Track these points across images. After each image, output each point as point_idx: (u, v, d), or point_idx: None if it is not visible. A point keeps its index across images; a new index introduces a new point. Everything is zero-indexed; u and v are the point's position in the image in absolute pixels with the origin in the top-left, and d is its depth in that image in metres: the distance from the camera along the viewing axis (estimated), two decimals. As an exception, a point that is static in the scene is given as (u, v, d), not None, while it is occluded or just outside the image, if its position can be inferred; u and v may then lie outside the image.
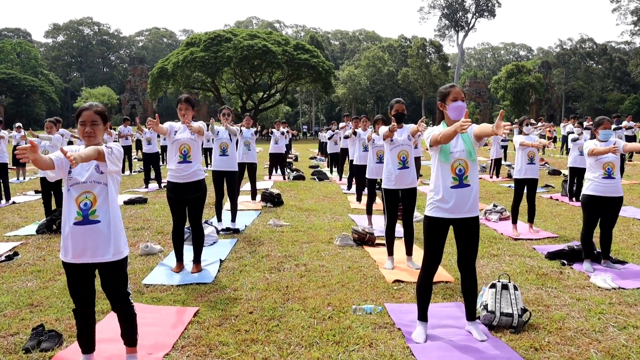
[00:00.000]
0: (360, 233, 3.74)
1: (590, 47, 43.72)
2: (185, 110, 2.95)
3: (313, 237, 3.98)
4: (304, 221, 4.69)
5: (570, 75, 42.24)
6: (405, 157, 3.11)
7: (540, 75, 39.47)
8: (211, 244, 3.68)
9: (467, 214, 2.05)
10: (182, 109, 2.95)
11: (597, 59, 43.10)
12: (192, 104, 2.98)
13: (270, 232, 4.17)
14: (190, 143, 2.95)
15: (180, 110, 2.96)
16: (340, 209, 5.55)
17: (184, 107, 2.95)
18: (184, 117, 2.96)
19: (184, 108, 2.95)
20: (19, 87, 42.76)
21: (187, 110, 2.95)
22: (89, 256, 1.65)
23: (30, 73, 46.38)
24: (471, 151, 2.04)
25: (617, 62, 43.32)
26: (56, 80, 50.93)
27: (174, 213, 3.01)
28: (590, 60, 43.00)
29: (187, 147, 2.95)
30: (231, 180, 4.21)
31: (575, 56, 42.33)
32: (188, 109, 2.96)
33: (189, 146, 2.95)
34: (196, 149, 2.97)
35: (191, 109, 2.98)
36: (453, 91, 2.06)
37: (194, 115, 3.00)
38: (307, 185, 7.64)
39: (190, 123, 2.97)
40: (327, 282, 2.85)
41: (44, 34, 58.95)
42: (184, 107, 2.95)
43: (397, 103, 3.14)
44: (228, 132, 4.09)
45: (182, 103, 2.94)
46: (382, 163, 4.35)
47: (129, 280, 1.80)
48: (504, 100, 39.31)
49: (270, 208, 5.45)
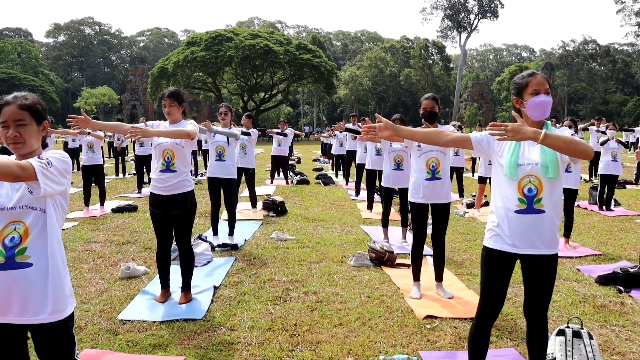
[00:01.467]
0: (379, 252, 3.22)
1: (593, 48, 43.68)
2: (170, 106, 2.43)
3: (323, 255, 3.46)
4: (311, 234, 4.17)
5: (573, 77, 42.24)
6: (435, 165, 2.59)
7: None
8: (205, 263, 3.17)
9: (540, 249, 1.51)
10: (165, 105, 2.44)
11: (600, 60, 43.01)
12: (178, 99, 2.45)
13: (273, 248, 3.64)
14: (173, 148, 2.43)
15: (164, 107, 2.44)
16: (350, 219, 5.02)
17: (167, 104, 2.43)
18: (169, 115, 2.45)
19: (168, 104, 2.43)
20: (20, 87, 42.58)
21: (171, 106, 2.44)
22: (15, 315, 1.13)
23: (31, 73, 46.23)
24: (550, 166, 1.47)
25: (621, 63, 43.14)
26: (57, 80, 50.76)
27: (158, 230, 2.50)
28: (593, 62, 42.87)
29: (170, 153, 2.43)
30: (229, 189, 3.69)
31: (578, 58, 42.35)
32: (173, 105, 2.44)
33: (173, 152, 2.43)
34: (182, 156, 2.44)
35: (177, 104, 2.45)
36: (533, 81, 1.50)
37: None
38: (312, 191, 7.10)
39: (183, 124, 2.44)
40: (344, 319, 2.33)
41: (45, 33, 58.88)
42: (168, 104, 2.43)
43: (426, 99, 2.61)
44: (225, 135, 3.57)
45: (165, 99, 2.42)
46: (401, 170, 3.87)
47: (76, 345, 1.24)
48: (507, 101, 39.05)
49: (273, 218, 4.91)
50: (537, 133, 1.38)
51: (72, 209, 5.51)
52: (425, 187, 2.59)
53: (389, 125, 1.63)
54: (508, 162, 1.52)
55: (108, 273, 3.02)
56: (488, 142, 1.61)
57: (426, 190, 2.59)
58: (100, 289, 2.72)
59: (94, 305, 2.47)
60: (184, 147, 2.44)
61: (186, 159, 2.46)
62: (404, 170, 3.82)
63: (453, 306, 2.53)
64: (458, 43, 42.92)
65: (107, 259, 3.33)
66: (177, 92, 2.47)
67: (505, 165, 1.54)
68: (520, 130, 1.38)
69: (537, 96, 1.49)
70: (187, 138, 2.36)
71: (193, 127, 2.40)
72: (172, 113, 2.44)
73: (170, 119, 2.48)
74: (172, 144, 2.42)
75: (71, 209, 5.53)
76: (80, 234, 4.13)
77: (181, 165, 2.44)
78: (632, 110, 35.58)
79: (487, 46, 65.75)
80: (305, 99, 42.11)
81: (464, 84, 43.36)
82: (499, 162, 1.59)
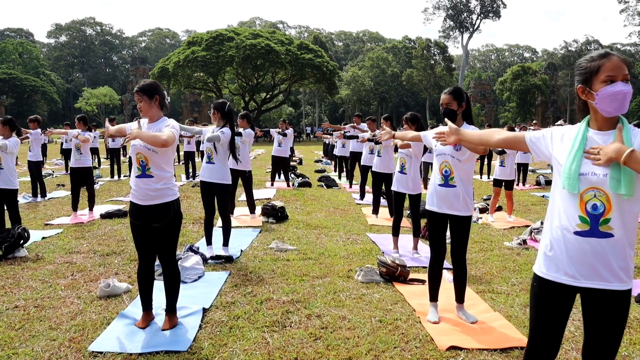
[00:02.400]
0: (390, 266, 2.87)
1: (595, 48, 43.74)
2: (140, 102, 2.08)
3: (327, 269, 3.12)
4: (314, 244, 3.82)
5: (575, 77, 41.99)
6: (448, 171, 2.25)
7: (546, 77, 39.26)
8: (195, 279, 2.83)
9: (606, 282, 1.17)
10: (137, 101, 2.10)
11: None
12: (147, 92, 2.08)
13: (272, 260, 3.30)
14: (145, 153, 2.08)
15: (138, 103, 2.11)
16: (355, 225, 4.67)
17: (137, 99, 2.09)
18: (141, 111, 2.11)
19: (138, 100, 2.09)
20: (21, 87, 42.70)
21: (141, 102, 2.08)
22: None
23: (32, 73, 46.24)
24: (624, 179, 1.11)
25: None
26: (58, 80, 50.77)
27: (138, 244, 2.17)
28: None
29: (142, 157, 2.09)
30: (222, 196, 3.33)
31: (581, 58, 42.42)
32: (141, 100, 2.08)
33: (145, 156, 2.09)
34: (159, 160, 2.08)
35: (147, 98, 2.08)
36: (607, 65, 1.16)
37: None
38: (314, 194, 6.75)
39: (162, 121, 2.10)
40: (354, 350, 1.99)
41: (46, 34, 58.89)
42: (137, 99, 2.09)
43: (444, 94, 2.29)
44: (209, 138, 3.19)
45: (135, 93, 2.08)
46: (404, 173, 3.55)
47: None
48: (509, 102, 38.82)
49: (273, 225, 4.56)
50: (621, 151, 1.08)
51: (60, 214, 5.20)
52: (438, 193, 2.27)
53: (453, 129, 1.60)
54: (567, 171, 1.18)
55: (86, 290, 2.69)
56: (547, 142, 1.28)
57: (439, 198, 2.26)
58: (74, 310, 2.39)
59: (63, 332, 2.13)
60: (157, 152, 2.08)
61: (164, 162, 2.10)
62: (407, 174, 3.51)
63: (478, 333, 2.19)
64: (460, 43, 42.73)
65: (88, 273, 3.00)
66: (147, 85, 2.11)
67: (563, 175, 1.19)
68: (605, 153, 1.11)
69: (612, 84, 1.15)
70: (157, 146, 2.00)
71: (171, 132, 2.02)
72: (144, 109, 2.10)
73: (144, 116, 2.13)
74: (144, 148, 2.08)
75: (58, 213, 5.22)
76: (62, 243, 3.80)
77: (158, 169, 2.09)
78: (636, 111, 35.26)
79: (489, 46, 65.58)
80: (307, 100, 41.94)
81: (466, 84, 43.20)
82: (557, 170, 1.25)
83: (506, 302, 2.62)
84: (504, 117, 39.40)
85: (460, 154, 2.23)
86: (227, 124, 3.33)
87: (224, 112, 3.34)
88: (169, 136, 1.99)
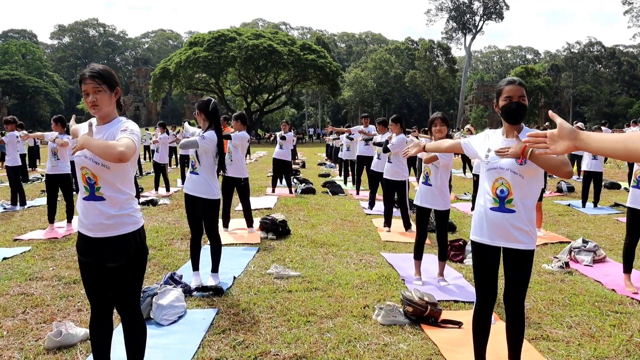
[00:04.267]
0: (417, 305, 2.30)
1: (598, 50, 43.76)
2: (95, 93, 1.49)
3: (338, 305, 2.54)
4: (321, 267, 3.24)
5: (579, 79, 42.19)
6: (505, 191, 1.66)
7: (549, 78, 39.12)
8: (173, 321, 2.26)
9: None
10: (87, 92, 1.49)
11: (606, 62, 42.75)
12: (107, 80, 1.51)
13: (270, 291, 2.72)
14: (92, 168, 1.51)
15: (86, 95, 1.50)
16: (367, 242, 4.09)
17: (90, 88, 1.49)
18: (94, 107, 1.50)
19: (92, 90, 1.49)
20: (23, 88, 42.78)
21: (97, 92, 1.49)
22: None
23: (35, 74, 46.29)
24: None
25: (626, 65, 42.93)
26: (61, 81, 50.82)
27: (89, 290, 1.60)
28: (598, 64, 42.55)
29: (89, 173, 1.52)
30: (208, 213, 2.76)
31: (583, 59, 42.11)
32: (99, 89, 1.49)
33: (93, 173, 1.52)
34: (111, 178, 1.52)
35: (107, 89, 1.50)
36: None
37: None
38: (319, 203, 6.17)
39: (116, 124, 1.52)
40: None
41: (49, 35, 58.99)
42: (92, 88, 1.48)
43: (509, 84, 1.67)
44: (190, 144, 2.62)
45: (87, 81, 1.48)
46: (428, 185, 2.96)
47: None
48: (513, 103, 38.40)
49: (273, 241, 3.99)
50: None
51: (35, 226, 4.65)
52: (490, 221, 1.68)
53: (567, 130, 0.98)
54: None
55: (34, 337, 2.13)
56: None
57: (491, 226, 1.68)
58: (10, 369, 1.84)
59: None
60: (109, 168, 1.51)
61: (120, 180, 1.52)
62: (432, 185, 2.93)
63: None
64: (463, 45, 42.37)
65: (43, 310, 2.44)
66: (106, 70, 1.53)
67: None
68: None
69: None
70: (111, 161, 1.41)
71: (131, 141, 1.43)
72: (102, 104, 1.50)
73: (99, 113, 1.53)
74: (91, 162, 1.50)
75: (33, 226, 4.67)
76: (25, 265, 3.24)
77: (112, 190, 1.52)
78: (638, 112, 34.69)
79: (492, 48, 65.21)
80: (310, 101, 41.66)
81: (468, 86, 42.83)
82: None
83: (568, 354, 2.04)
84: (508, 119, 38.76)
85: (524, 168, 1.64)
86: (213, 127, 2.74)
87: (209, 112, 2.74)
88: (127, 146, 1.40)
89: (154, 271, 3.10)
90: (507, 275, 1.73)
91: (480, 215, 1.74)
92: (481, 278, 1.75)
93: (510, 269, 1.71)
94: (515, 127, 1.70)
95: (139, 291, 1.64)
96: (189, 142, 2.67)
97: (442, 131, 2.90)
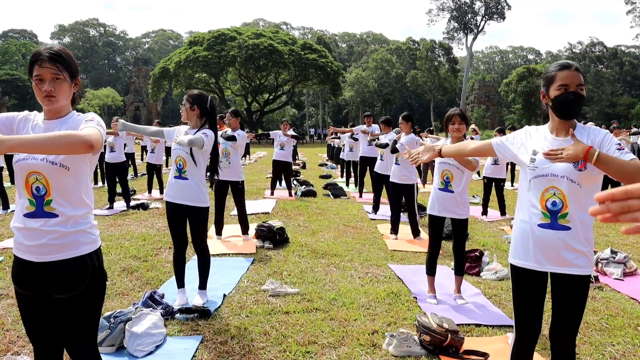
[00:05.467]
0: (436, 334, 1.96)
1: (600, 50, 43.70)
2: (54, 80, 1.16)
3: (342, 330, 2.20)
4: (322, 282, 2.89)
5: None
6: (559, 203, 1.32)
7: None
8: (150, 351, 1.92)
9: None
10: (43, 77, 1.16)
11: (607, 62, 42.73)
12: (70, 67, 1.19)
13: (264, 313, 2.38)
14: (46, 172, 1.18)
15: (38, 83, 1.16)
16: (373, 251, 3.75)
17: (48, 74, 1.15)
18: (49, 99, 1.17)
19: (50, 76, 1.15)
20: (23, 88, 42.70)
21: (57, 80, 1.17)
22: None
23: (35, 74, 46.10)
24: None
25: (628, 66, 43.19)
26: (60, 81, 50.74)
27: (30, 331, 1.26)
28: (600, 64, 42.48)
29: (42, 182, 1.18)
30: (197, 222, 2.41)
31: (585, 60, 42.09)
32: (58, 76, 1.16)
33: (46, 179, 1.19)
34: (69, 184, 1.20)
35: (68, 76, 1.19)
36: None
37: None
38: (320, 207, 5.83)
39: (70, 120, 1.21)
40: None
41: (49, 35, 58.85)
42: (50, 74, 1.15)
43: (564, 69, 1.31)
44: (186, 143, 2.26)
45: (42, 63, 1.15)
46: (449, 192, 2.59)
47: None
48: (515, 104, 38.21)
49: (269, 251, 3.64)
50: None
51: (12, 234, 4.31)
52: (538, 239, 1.33)
53: None
54: None
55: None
56: None
57: (539, 246, 1.33)
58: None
59: None
60: (70, 169, 1.18)
61: (76, 188, 1.21)
62: (453, 192, 2.56)
63: None
64: (464, 45, 42.16)
65: (0, 336, 2.11)
66: (67, 54, 1.21)
67: None
68: None
69: None
70: (78, 151, 1.08)
71: (96, 130, 1.13)
72: (59, 95, 1.18)
73: (51, 106, 1.20)
74: (44, 163, 1.18)
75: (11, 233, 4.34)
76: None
77: (66, 201, 1.19)
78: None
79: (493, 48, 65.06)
80: (311, 101, 41.47)
81: (470, 86, 42.67)
82: None
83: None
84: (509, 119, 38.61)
85: (584, 175, 1.30)
86: (207, 125, 2.38)
87: (206, 109, 2.37)
88: (94, 134, 1.10)
89: (135, 287, 2.77)
90: (555, 305, 1.39)
91: (523, 234, 1.38)
92: (523, 310, 1.41)
93: (561, 298, 1.36)
94: (569, 123, 1.36)
95: (95, 330, 1.30)
96: (195, 139, 2.25)
97: (461, 130, 2.56)
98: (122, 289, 2.70)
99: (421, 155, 1.73)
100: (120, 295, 2.60)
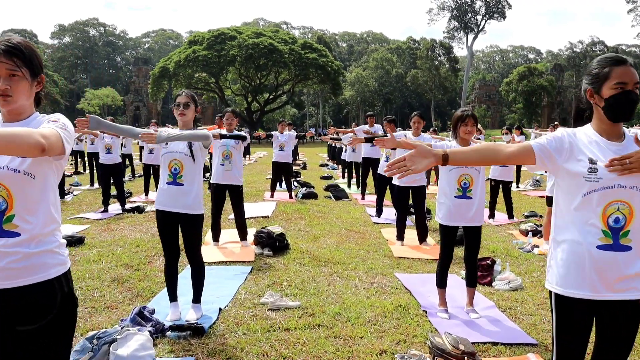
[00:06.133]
0: (450, 357, 1.78)
1: (601, 50, 43.89)
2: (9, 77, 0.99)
3: (348, 349, 2.02)
4: (325, 293, 2.72)
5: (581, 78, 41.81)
6: (621, 219, 1.10)
7: (552, 77, 38.87)
8: (137, 376, 1.76)
9: None
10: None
11: None
12: (31, 62, 1.03)
13: (263, 330, 2.20)
14: (7, 180, 1.00)
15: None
16: (378, 258, 3.57)
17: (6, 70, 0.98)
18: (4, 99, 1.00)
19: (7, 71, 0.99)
20: (22, 88, 42.61)
21: (13, 77, 1.00)
22: None
23: (35, 74, 46.02)
24: None
25: None
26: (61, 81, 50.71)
27: None
28: None
29: (3, 192, 1.00)
30: (192, 230, 2.24)
31: (586, 59, 42.08)
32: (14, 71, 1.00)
33: (7, 190, 1.00)
34: (32, 195, 1.02)
35: (28, 72, 1.02)
36: None
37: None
38: (321, 209, 5.66)
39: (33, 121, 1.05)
40: None
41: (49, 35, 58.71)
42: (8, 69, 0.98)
43: (619, 65, 1.10)
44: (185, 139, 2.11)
45: (3, 57, 0.98)
46: (467, 198, 2.36)
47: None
48: (515, 103, 38.18)
49: (269, 258, 3.47)
50: None
51: None
52: (595, 261, 1.11)
53: None
54: None
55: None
56: None
57: (598, 270, 1.11)
58: None
59: None
60: (36, 177, 1.02)
61: (47, 198, 1.04)
62: (472, 199, 2.37)
63: None
64: (465, 44, 42.05)
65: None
66: (28, 46, 1.05)
67: None
68: None
69: None
70: (25, 153, 0.92)
71: (55, 131, 0.98)
72: (17, 94, 1.02)
73: (7, 107, 1.04)
74: (5, 174, 1.01)
75: None
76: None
77: (31, 217, 1.02)
78: None
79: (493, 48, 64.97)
80: (311, 100, 41.38)
81: (470, 86, 42.56)
82: None
83: None
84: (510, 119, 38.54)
85: None
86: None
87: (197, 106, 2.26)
88: (49, 135, 0.95)
89: (124, 299, 2.59)
90: (602, 334, 1.19)
91: (578, 258, 1.14)
92: (568, 341, 1.20)
93: (611, 326, 1.17)
94: (619, 126, 1.17)
95: (66, 363, 1.13)
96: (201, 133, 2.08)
97: (473, 132, 2.38)
98: (111, 302, 2.53)
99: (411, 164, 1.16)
100: (109, 309, 2.43)
